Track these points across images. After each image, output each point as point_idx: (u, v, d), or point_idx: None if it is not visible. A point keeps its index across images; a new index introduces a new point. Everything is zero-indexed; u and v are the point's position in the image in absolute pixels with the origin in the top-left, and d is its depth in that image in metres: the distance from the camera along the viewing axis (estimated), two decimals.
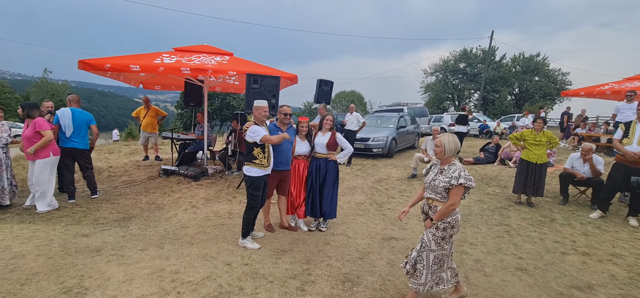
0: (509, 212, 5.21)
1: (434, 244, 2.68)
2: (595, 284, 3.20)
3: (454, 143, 2.69)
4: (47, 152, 4.73)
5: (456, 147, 2.71)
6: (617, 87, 9.34)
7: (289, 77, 6.44)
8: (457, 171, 2.60)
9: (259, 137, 3.62)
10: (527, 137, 5.54)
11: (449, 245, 2.74)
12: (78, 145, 5.29)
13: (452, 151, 2.68)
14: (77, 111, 5.35)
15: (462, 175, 2.57)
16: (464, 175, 2.58)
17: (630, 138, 4.66)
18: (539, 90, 32.50)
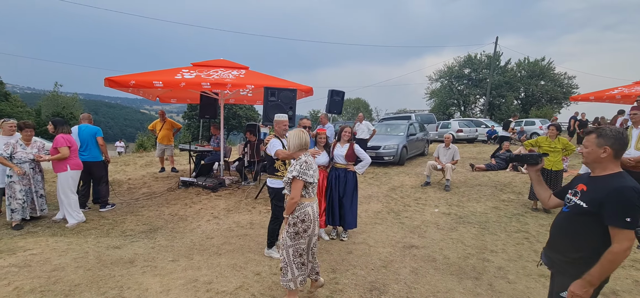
0: (527, 219, 5.26)
1: (289, 240, 2.84)
2: (619, 290, 3.25)
3: (299, 138, 2.85)
4: (64, 166, 4.86)
5: (301, 142, 2.86)
6: (627, 91, 9.36)
7: (305, 89, 6.60)
8: (295, 165, 2.76)
9: (273, 151, 3.75)
10: (542, 144, 5.61)
11: (305, 240, 2.84)
12: (87, 159, 5.43)
13: (296, 146, 2.85)
14: (83, 126, 5.58)
15: (296, 168, 2.73)
16: (299, 168, 2.72)
17: (629, 143, 4.73)
18: (546, 94, 32.42)
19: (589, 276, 1.76)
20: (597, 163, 1.89)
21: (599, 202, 1.77)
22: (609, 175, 1.84)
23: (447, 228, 4.94)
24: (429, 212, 5.71)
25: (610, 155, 1.83)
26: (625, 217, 1.68)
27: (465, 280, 3.48)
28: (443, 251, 4.15)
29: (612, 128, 1.87)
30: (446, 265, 3.80)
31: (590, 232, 1.82)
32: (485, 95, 30.30)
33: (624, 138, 1.85)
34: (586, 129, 2.33)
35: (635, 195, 1.69)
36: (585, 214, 1.84)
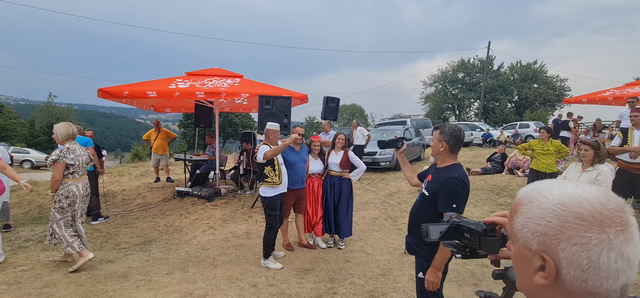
0: None
1: (57, 214, 3.60)
2: None
3: (66, 129, 3.64)
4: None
5: (68, 133, 3.63)
6: (619, 93, 9.48)
7: (300, 97, 6.59)
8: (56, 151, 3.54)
9: (262, 154, 3.73)
10: (535, 147, 5.64)
11: (70, 212, 3.64)
12: None
13: (64, 136, 3.61)
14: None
15: (56, 153, 3.52)
16: (59, 153, 3.51)
17: (630, 144, 4.77)
18: (539, 97, 32.76)
19: (435, 262, 1.98)
20: (438, 156, 2.12)
21: (435, 191, 2.01)
22: (445, 167, 2.07)
23: None
24: None
25: (447, 149, 2.06)
26: (452, 204, 1.92)
27: (464, 286, 3.46)
28: None
29: (450, 125, 2.10)
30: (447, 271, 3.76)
31: (433, 217, 2.01)
32: (480, 99, 30.55)
33: (459, 135, 2.07)
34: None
35: (459, 185, 1.94)
36: (428, 201, 2.07)
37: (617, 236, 0.55)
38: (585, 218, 0.56)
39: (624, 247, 0.55)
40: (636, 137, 4.87)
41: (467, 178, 2.04)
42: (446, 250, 1.99)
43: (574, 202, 0.57)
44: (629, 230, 0.56)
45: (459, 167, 2.07)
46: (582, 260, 0.55)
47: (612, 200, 0.57)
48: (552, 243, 0.57)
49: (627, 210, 0.58)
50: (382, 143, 2.66)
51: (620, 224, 0.55)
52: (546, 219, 0.58)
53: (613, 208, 0.56)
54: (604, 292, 0.55)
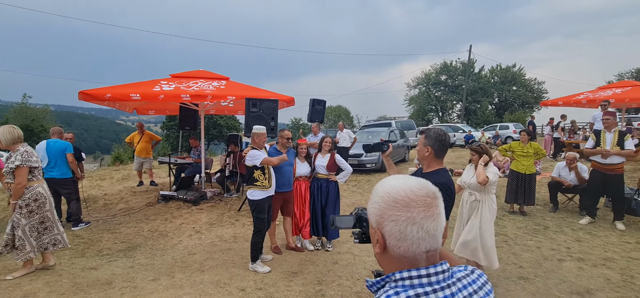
0: (505, 222, 5.43)
1: (23, 219, 3.48)
2: (593, 289, 3.41)
3: (10, 133, 3.39)
4: None
5: (13, 137, 3.41)
6: (592, 96, 9.90)
7: (286, 99, 6.59)
8: (16, 155, 3.36)
9: (259, 160, 3.74)
10: (515, 148, 5.85)
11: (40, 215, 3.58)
12: (55, 175, 5.17)
13: (10, 140, 3.41)
14: (52, 142, 5.32)
15: (18, 158, 3.34)
16: (21, 157, 3.34)
17: (602, 146, 5.03)
18: (518, 99, 33.83)
19: None
20: (424, 160, 2.11)
21: None
22: (430, 173, 2.05)
23: None
24: None
25: (432, 154, 2.06)
26: None
27: None
28: None
29: (435, 130, 2.08)
30: None
31: None
32: (462, 101, 31.29)
33: (444, 140, 2.06)
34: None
35: (444, 191, 1.84)
36: None
37: (420, 214, 0.74)
38: (398, 202, 0.75)
39: (425, 222, 0.74)
40: (608, 139, 5.12)
41: (453, 184, 2.06)
42: None
43: (393, 190, 0.77)
44: (430, 210, 0.75)
45: (444, 173, 2.07)
46: (396, 232, 0.75)
47: (423, 188, 0.77)
48: (380, 221, 0.77)
49: (433, 196, 0.77)
50: (368, 147, 2.71)
51: (423, 205, 0.75)
52: (378, 204, 0.78)
53: (420, 194, 0.76)
54: (412, 255, 0.75)
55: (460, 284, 0.79)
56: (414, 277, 0.74)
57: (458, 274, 0.82)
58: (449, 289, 0.76)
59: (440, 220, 0.77)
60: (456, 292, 0.77)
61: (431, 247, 0.76)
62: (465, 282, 0.81)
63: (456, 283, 0.79)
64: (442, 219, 0.78)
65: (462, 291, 0.78)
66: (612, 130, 5.14)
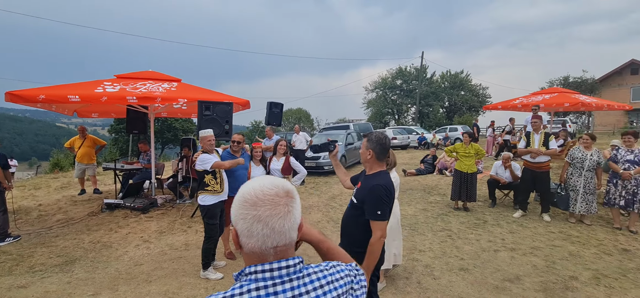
0: (450, 218, 5.83)
1: None
2: (521, 275, 3.78)
3: None
4: None
5: None
6: (526, 101, 10.95)
7: (241, 102, 6.51)
8: None
9: (210, 164, 3.68)
10: (459, 149, 6.30)
11: None
12: None
13: None
14: None
15: None
16: None
17: (531, 146, 5.62)
18: (466, 103, 36.31)
19: (362, 269, 2.06)
20: (367, 163, 2.18)
21: (363, 199, 2.06)
22: (372, 175, 2.13)
23: None
24: None
25: (374, 157, 2.13)
26: (377, 211, 1.98)
27: (397, 280, 3.73)
28: None
29: (376, 134, 2.16)
30: None
31: (362, 224, 2.07)
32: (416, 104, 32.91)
33: (385, 143, 2.14)
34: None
35: (384, 192, 1.99)
36: (357, 208, 2.10)
37: (265, 212, 0.78)
38: (247, 201, 0.79)
39: (271, 220, 0.78)
40: (536, 139, 5.71)
41: (392, 185, 2.14)
42: (375, 255, 2.05)
43: (245, 190, 0.81)
44: (278, 208, 0.79)
45: (384, 175, 2.15)
46: (245, 230, 0.78)
47: (273, 188, 0.81)
48: (235, 220, 0.81)
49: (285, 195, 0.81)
50: (315, 147, 2.77)
51: (270, 204, 0.78)
52: (236, 204, 0.81)
53: (270, 193, 0.80)
54: (259, 251, 0.79)
55: (308, 279, 0.83)
56: (258, 271, 0.78)
57: (311, 269, 0.86)
58: (291, 283, 0.79)
59: (289, 217, 0.81)
60: (298, 286, 0.80)
61: (280, 243, 0.79)
62: (315, 277, 0.84)
63: (303, 278, 0.82)
64: (291, 217, 0.82)
65: (306, 285, 0.81)
66: (539, 131, 5.76)
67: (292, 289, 0.79)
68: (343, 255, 1.11)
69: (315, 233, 1.07)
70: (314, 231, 1.07)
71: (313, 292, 0.81)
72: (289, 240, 0.82)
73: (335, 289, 0.86)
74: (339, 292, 0.86)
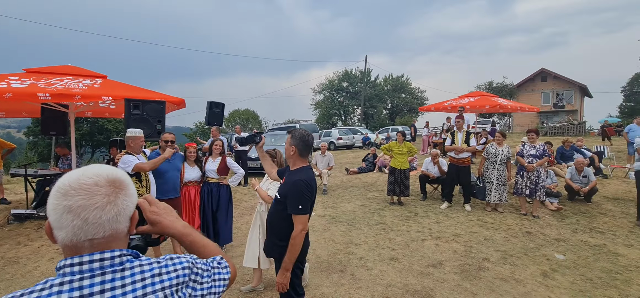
0: (385, 212, 6.17)
1: None
2: (443, 260, 4.15)
3: None
4: None
5: None
6: (455, 103, 12.05)
7: (175, 101, 6.19)
8: None
9: (131, 167, 3.46)
10: (393, 148, 6.70)
11: None
12: None
13: None
14: None
15: None
16: None
17: (456, 144, 6.21)
18: (406, 105, 38.64)
19: (284, 263, 2.08)
20: (290, 159, 2.23)
21: (285, 193, 2.11)
22: (295, 170, 2.19)
23: (321, 229, 5.37)
24: None
25: (296, 153, 2.18)
26: (298, 205, 2.04)
27: (332, 274, 3.86)
28: (316, 251, 4.50)
29: (300, 131, 2.23)
30: (317, 263, 4.13)
31: (286, 219, 2.11)
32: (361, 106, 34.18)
33: (308, 140, 2.21)
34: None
35: (305, 187, 2.05)
36: (280, 204, 2.15)
37: (77, 202, 0.73)
38: (59, 191, 0.74)
39: (83, 211, 0.73)
40: (459, 137, 6.30)
41: (314, 181, 2.21)
42: (296, 248, 2.10)
43: (61, 181, 0.76)
44: (94, 198, 0.75)
45: (307, 170, 2.20)
46: (55, 221, 0.74)
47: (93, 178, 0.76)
48: (48, 213, 0.75)
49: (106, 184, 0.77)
50: (242, 140, 2.74)
51: (86, 195, 0.74)
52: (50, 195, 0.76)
53: (86, 182, 0.75)
54: (72, 243, 0.74)
55: (128, 272, 0.78)
56: (67, 265, 0.74)
57: (139, 262, 0.81)
58: (102, 277, 0.74)
59: (110, 208, 0.77)
60: (112, 279, 0.75)
61: (96, 236, 0.75)
62: (138, 269, 0.79)
63: (122, 271, 0.77)
64: (114, 208, 0.77)
65: (123, 279, 0.76)
66: (462, 130, 6.37)
67: (102, 283, 0.73)
68: (209, 248, 1.02)
69: (179, 226, 0.97)
70: (178, 224, 0.97)
71: (130, 286, 0.76)
72: (111, 231, 0.77)
73: (160, 282, 0.80)
74: (165, 285, 0.80)
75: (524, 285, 3.51)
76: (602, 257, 4.17)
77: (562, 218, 5.66)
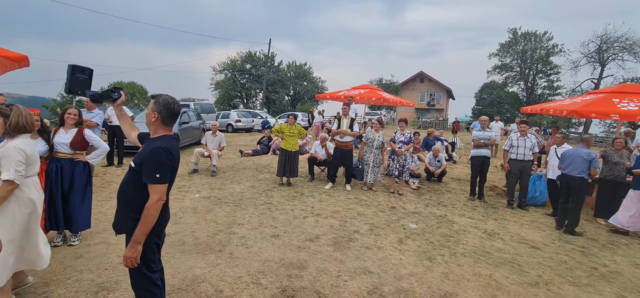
0: (273, 193, 6.27)
1: None
2: (320, 234, 4.45)
3: None
4: None
5: None
6: (347, 93, 12.99)
7: (12, 57, 4.92)
8: None
9: None
10: (284, 130, 6.83)
11: None
12: None
13: None
14: None
15: None
16: None
17: (341, 128, 6.73)
18: (308, 93, 39.87)
19: (135, 236, 1.92)
20: (151, 125, 2.08)
21: (141, 162, 1.95)
22: (155, 138, 2.05)
23: (204, 211, 5.13)
24: (189, 198, 5.72)
25: (159, 120, 2.04)
26: (155, 174, 1.90)
27: (209, 254, 3.72)
28: (194, 233, 4.27)
29: (165, 97, 2.08)
30: (194, 245, 3.93)
31: (140, 190, 1.96)
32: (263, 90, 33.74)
33: (173, 107, 2.06)
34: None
35: (165, 155, 1.93)
36: (135, 173, 1.98)
37: None
38: None
39: None
40: (345, 123, 6.81)
41: (177, 151, 2.07)
42: (149, 219, 1.93)
43: None
44: None
45: (169, 138, 2.05)
46: None
47: None
48: None
49: None
50: (96, 95, 2.37)
51: None
52: None
53: None
54: None
55: None
56: None
57: None
58: None
59: None
60: None
61: None
62: None
63: None
64: None
65: None
66: (348, 117, 6.89)
67: None
68: None
69: None
70: None
71: None
72: None
73: None
74: None
75: (383, 251, 4.05)
76: (442, 224, 5.14)
77: (420, 195, 6.74)
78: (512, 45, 38.47)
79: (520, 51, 38.11)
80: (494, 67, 39.61)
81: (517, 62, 38.89)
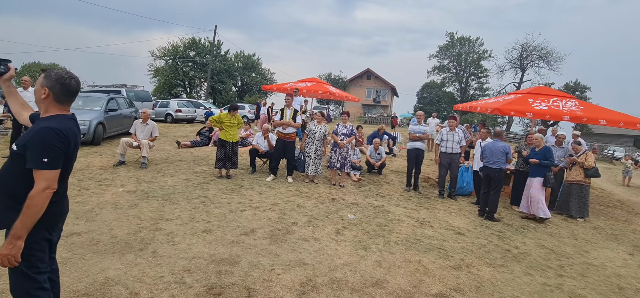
0: (209, 186, 5.92)
1: None
2: (257, 228, 4.28)
3: None
4: None
5: None
6: (294, 86, 12.86)
7: None
8: None
9: None
10: (224, 119, 6.48)
11: None
12: None
13: None
14: None
15: None
16: None
17: (284, 119, 6.60)
18: (256, 85, 38.89)
19: (14, 230, 1.62)
20: (41, 103, 1.79)
21: (24, 144, 1.67)
22: (45, 117, 1.77)
23: (127, 206, 4.64)
24: (110, 193, 5.15)
25: (51, 97, 1.76)
26: (43, 158, 1.62)
27: (127, 254, 3.36)
28: (112, 231, 3.84)
29: (58, 71, 1.79)
30: (111, 244, 3.52)
31: (24, 177, 1.68)
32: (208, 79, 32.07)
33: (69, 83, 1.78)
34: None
35: (54, 136, 1.65)
36: (17, 157, 1.70)
37: None
38: None
39: None
40: (288, 114, 6.67)
41: (73, 132, 1.77)
42: (34, 210, 1.65)
43: None
44: None
45: (64, 118, 1.76)
46: None
47: None
48: None
49: None
50: None
51: None
52: None
53: None
54: None
55: None
56: None
57: None
58: None
59: None
60: None
61: None
62: None
63: None
64: None
65: None
66: (291, 108, 6.76)
67: None
68: None
69: None
70: None
71: None
72: None
73: None
74: None
75: (319, 242, 4.02)
76: (379, 214, 5.29)
77: (360, 186, 6.89)
78: (449, 48, 41.54)
79: (456, 54, 41.32)
80: (434, 67, 42.49)
81: (453, 63, 42.12)
